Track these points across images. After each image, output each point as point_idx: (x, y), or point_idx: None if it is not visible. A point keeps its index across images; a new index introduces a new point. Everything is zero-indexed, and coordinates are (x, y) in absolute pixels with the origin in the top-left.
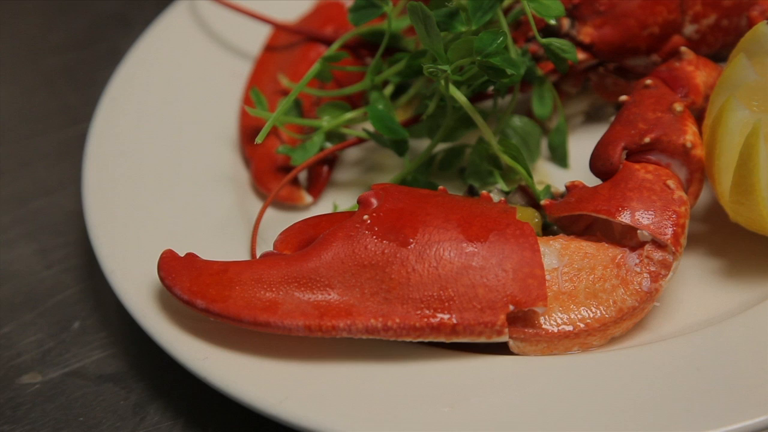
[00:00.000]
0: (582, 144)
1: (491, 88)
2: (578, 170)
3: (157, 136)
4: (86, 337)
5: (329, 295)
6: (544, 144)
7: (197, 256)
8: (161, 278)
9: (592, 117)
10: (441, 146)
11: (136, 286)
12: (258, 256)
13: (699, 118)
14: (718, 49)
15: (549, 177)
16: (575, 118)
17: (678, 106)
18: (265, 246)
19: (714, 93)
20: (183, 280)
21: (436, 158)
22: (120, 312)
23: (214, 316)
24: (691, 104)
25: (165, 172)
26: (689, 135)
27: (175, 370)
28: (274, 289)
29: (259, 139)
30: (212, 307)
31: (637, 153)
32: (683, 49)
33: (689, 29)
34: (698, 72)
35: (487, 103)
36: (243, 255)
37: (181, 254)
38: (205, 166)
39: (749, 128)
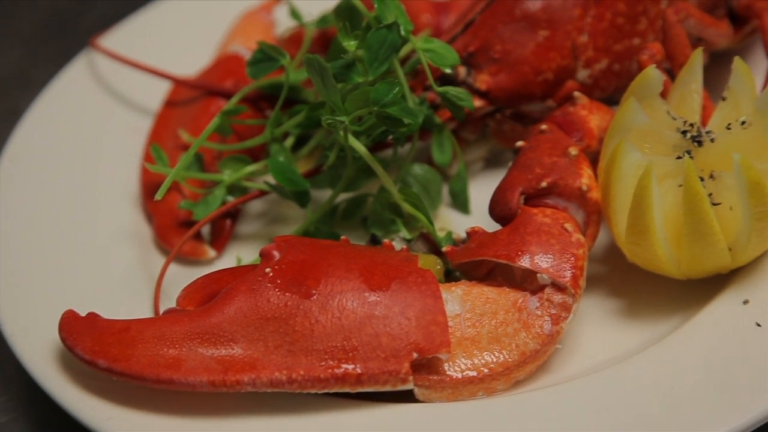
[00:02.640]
0: (483, 189)
1: (390, 137)
2: (480, 216)
3: (57, 195)
4: None
5: (233, 349)
6: (445, 191)
7: (99, 316)
8: (62, 339)
9: (491, 163)
10: (343, 196)
11: (37, 348)
12: (161, 313)
13: (594, 161)
14: (611, 92)
15: (451, 223)
16: (475, 164)
17: (573, 150)
18: (170, 302)
19: (607, 136)
20: (84, 340)
21: (338, 208)
22: (21, 374)
23: (117, 376)
24: (586, 148)
25: (65, 231)
26: (585, 178)
27: (78, 431)
28: (177, 346)
29: (158, 196)
30: (114, 366)
31: (534, 197)
32: (576, 93)
33: (582, 74)
34: (592, 116)
35: (388, 152)
36: (146, 312)
37: (83, 314)
38: (107, 223)
39: (642, 170)
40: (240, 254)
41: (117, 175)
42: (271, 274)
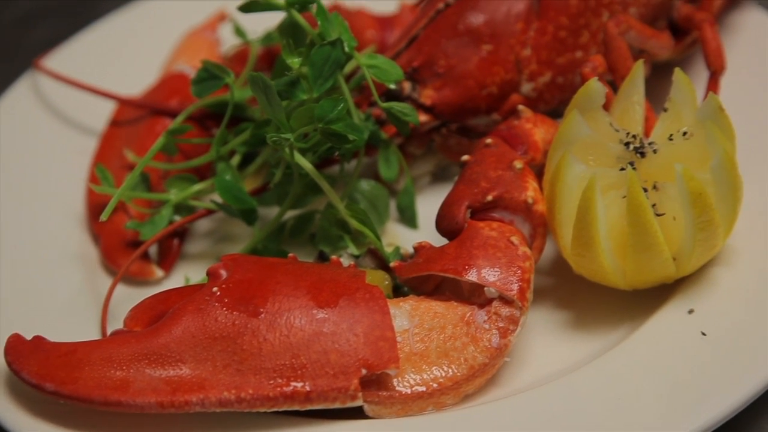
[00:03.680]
0: (430, 204)
1: (336, 153)
2: (428, 230)
3: (1, 217)
4: None
5: (181, 369)
6: (392, 206)
7: (45, 339)
8: (8, 363)
9: (438, 177)
10: (291, 213)
11: None
12: (108, 335)
13: (539, 173)
14: (555, 105)
15: (399, 238)
16: (422, 178)
17: (518, 164)
18: (117, 324)
19: (551, 149)
20: (31, 363)
21: (286, 226)
22: None
23: (64, 399)
24: (531, 161)
25: (11, 253)
26: (530, 191)
27: None
28: (124, 368)
29: (103, 217)
30: (62, 389)
31: (481, 211)
32: (521, 107)
33: (526, 87)
34: (536, 129)
35: (335, 169)
36: (94, 334)
37: (29, 337)
38: (52, 245)
39: (586, 182)
40: (188, 274)
41: (62, 196)
42: (218, 293)
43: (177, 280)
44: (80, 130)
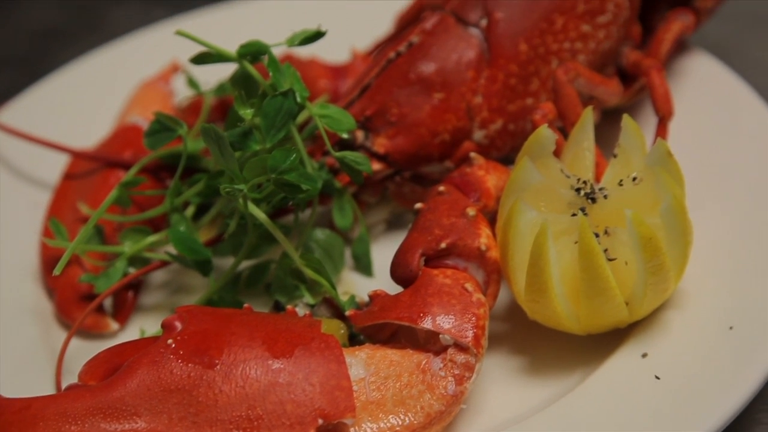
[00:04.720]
0: (385, 252)
1: (291, 203)
2: (383, 278)
3: None
4: None
5: (136, 423)
6: (348, 254)
7: None
8: None
9: (393, 225)
10: (246, 263)
11: None
12: (63, 389)
13: (492, 220)
14: (507, 152)
15: (354, 286)
16: (377, 226)
17: (471, 211)
18: (73, 378)
19: (503, 196)
20: None
21: (241, 276)
22: None
23: None
24: (484, 208)
25: None
26: (483, 238)
27: None
28: (79, 423)
29: (57, 271)
30: None
31: (435, 258)
32: (473, 154)
33: (478, 135)
34: (489, 176)
35: (289, 218)
36: (49, 389)
37: None
38: (6, 299)
39: (538, 228)
40: (144, 326)
41: (16, 250)
42: (173, 346)
43: (132, 332)
44: (33, 183)
